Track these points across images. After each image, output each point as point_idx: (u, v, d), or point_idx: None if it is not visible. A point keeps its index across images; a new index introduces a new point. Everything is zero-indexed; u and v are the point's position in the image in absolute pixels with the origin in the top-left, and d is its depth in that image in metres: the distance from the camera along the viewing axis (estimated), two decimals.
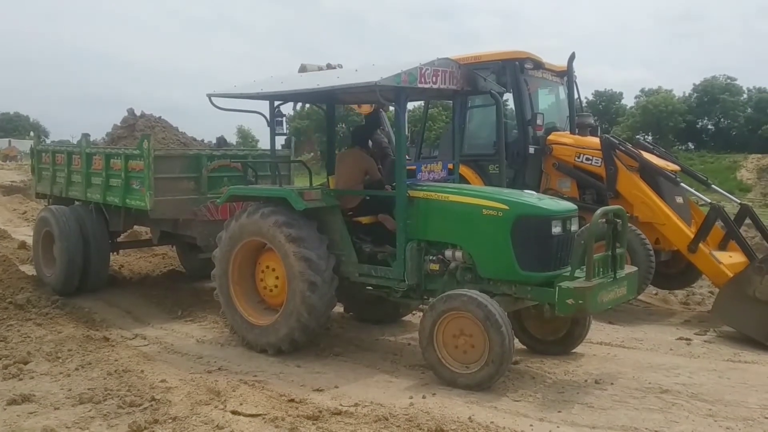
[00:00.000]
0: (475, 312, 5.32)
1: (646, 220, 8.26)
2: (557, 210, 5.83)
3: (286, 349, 6.42)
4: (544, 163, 9.21)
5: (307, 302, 6.19)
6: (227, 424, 4.74)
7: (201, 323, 7.90)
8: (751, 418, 4.81)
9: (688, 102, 55.75)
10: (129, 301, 9.05)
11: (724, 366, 6.16)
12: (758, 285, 6.85)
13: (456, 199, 6.05)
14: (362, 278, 6.54)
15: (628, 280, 5.87)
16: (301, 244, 6.24)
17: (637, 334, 7.37)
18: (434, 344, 5.58)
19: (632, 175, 8.49)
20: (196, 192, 8.63)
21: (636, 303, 8.82)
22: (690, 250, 7.94)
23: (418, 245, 6.17)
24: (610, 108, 60.63)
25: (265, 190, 7.08)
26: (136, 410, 5.04)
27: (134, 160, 8.51)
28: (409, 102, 7.07)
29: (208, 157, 8.86)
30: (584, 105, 10.90)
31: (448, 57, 6.46)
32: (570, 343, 6.44)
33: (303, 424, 4.71)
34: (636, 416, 4.86)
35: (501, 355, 5.25)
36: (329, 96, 7.43)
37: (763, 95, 54.08)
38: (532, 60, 9.41)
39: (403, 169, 6.15)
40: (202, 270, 9.04)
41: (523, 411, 4.98)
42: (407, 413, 4.86)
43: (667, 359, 6.38)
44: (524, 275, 5.69)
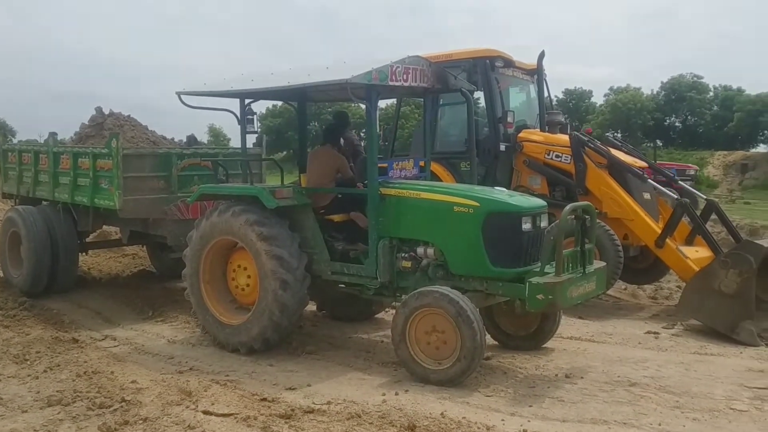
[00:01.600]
0: (447, 308, 5.36)
1: (614, 216, 8.37)
2: (527, 206, 5.89)
3: (258, 348, 6.40)
4: (515, 160, 9.28)
5: (279, 301, 6.17)
6: (199, 425, 4.71)
7: (172, 323, 7.83)
8: (716, 409, 4.91)
9: (656, 100, 56.47)
10: (98, 302, 8.94)
11: (690, 359, 6.27)
12: (723, 279, 6.98)
13: (427, 196, 6.07)
14: (335, 276, 6.54)
15: (597, 275, 5.94)
16: (272, 243, 6.21)
17: (606, 328, 7.47)
18: (407, 341, 5.60)
19: (601, 172, 8.60)
20: (166, 191, 8.56)
21: (605, 298, 8.94)
22: (657, 246, 8.07)
23: (390, 243, 6.19)
24: (580, 106, 61.21)
25: (236, 188, 7.04)
26: (106, 412, 4.99)
27: (102, 159, 8.41)
28: (380, 100, 7.08)
29: (178, 156, 8.78)
30: (554, 103, 11.01)
31: (418, 55, 6.48)
32: (541, 338, 6.51)
33: (275, 423, 4.70)
34: (605, 409, 4.93)
35: (473, 351, 5.29)
36: (300, 94, 7.42)
37: (728, 93, 55.01)
38: (502, 58, 9.48)
39: (375, 167, 6.16)
40: (173, 270, 8.97)
41: (494, 406, 5.03)
42: (380, 410, 4.88)
43: (635, 353, 6.47)
44: (495, 271, 5.74)
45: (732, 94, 53.94)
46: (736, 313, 6.87)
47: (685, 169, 18.97)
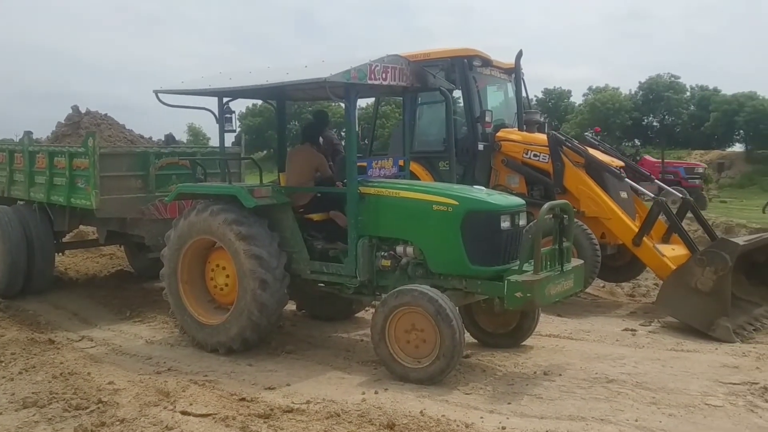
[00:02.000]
0: (426, 307, 5.37)
1: (592, 214, 8.45)
2: (506, 205, 5.92)
3: (237, 348, 6.37)
4: (494, 159, 9.33)
5: (258, 300, 6.14)
6: (177, 425, 4.68)
7: (150, 324, 7.77)
8: (692, 405, 4.97)
9: (634, 99, 56.95)
10: (75, 303, 8.86)
11: (667, 355, 6.34)
12: (699, 276, 7.06)
13: (406, 195, 6.08)
14: (314, 275, 6.52)
15: (575, 273, 5.99)
16: (251, 242, 6.19)
17: (584, 326, 7.53)
18: (386, 340, 5.60)
19: (578, 171, 8.68)
20: (143, 190, 8.50)
21: (584, 296, 9.02)
22: (634, 244, 8.16)
23: (369, 241, 6.19)
24: (559, 105, 61.61)
25: (214, 187, 7.01)
26: (83, 413, 4.94)
27: (79, 158, 8.33)
28: (360, 99, 7.08)
29: (156, 155, 8.72)
30: (533, 103, 11.08)
31: (397, 54, 6.49)
32: (520, 335, 6.54)
33: (254, 423, 4.68)
34: (583, 406, 4.97)
35: (452, 349, 5.31)
36: (279, 92, 7.39)
37: (705, 93, 55.63)
38: (480, 57, 9.52)
39: (354, 166, 6.16)
40: (151, 270, 8.92)
41: (473, 404, 5.05)
42: (359, 409, 4.87)
43: (613, 350, 6.53)
44: (474, 270, 5.76)
45: (708, 94, 54.56)
46: (712, 310, 6.95)
47: (693, 167, 19.16)
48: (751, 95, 49.76)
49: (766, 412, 4.82)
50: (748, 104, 48.00)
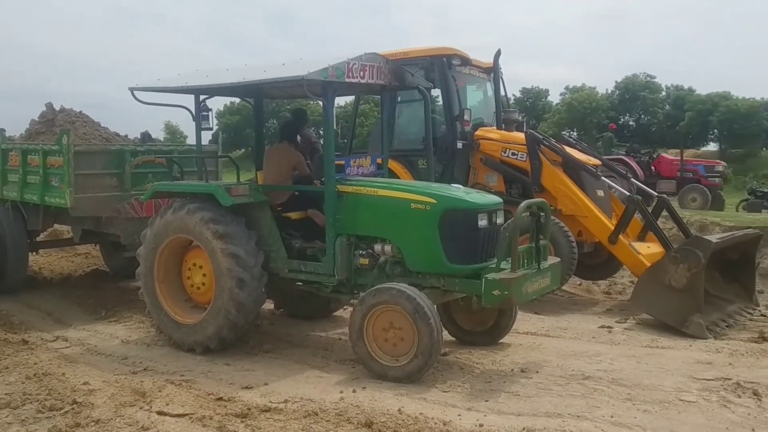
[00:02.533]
0: (404, 305, 5.37)
1: (569, 212, 8.51)
2: (483, 203, 5.94)
3: (214, 347, 6.32)
4: (472, 157, 9.37)
5: (235, 299, 6.11)
6: (153, 425, 4.64)
7: (126, 323, 7.69)
8: (666, 401, 5.02)
9: (610, 99, 57.54)
10: (50, 303, 8.75)
11: (642, 352, 6.41)
12: (673, 274, 7.14)
13: (385, 193, 6.08)
14: (292, 274, 6.50)
15: (552, 270, 6.03)
16: (228, 241, 6.15)
17: (561, 323, 7.59)
18: (364, 338, 5.60)
19: (556, 170, 8.73)
20: (119, 189, 8.42)
21: (561, 293, 9.08)
22: (610, 242, 8.23)
23: (347, 240, 6.18)
24: (537, 105, 62.02)
25: (191, 185, 6.95)
26: (57, 414, 4.88)
27: (53, 156, 8.24)
28: (338, 97, 7.07)
29: (132, 153, 8.65)
30: (512, 102, 11.14)
31: (376, 52, 6.49)
32: (497, 333, 6.57)
33: (231, 423, 4.66)
34: (559, 402, 5.00)
35: (430, 347, 5.32)
36: (256, 90, 7.36)
37: (680, 93, 56.33)
38: (459, 56, 9.54)
39: (332, 164, 6.14)
40: (127, 269, 8.83)
41: (451, 401, 5.06)
42: (337, 408, 4.87)
43: (589, 347, 6.59)
44: (452, 268, 5.77)
45: (683, 94, 55.25)
46: (685, 306, 7.03)
47: (713, 165, 18.97)
48: (725, 95, 50.51)
49: (738, 407, 4.89)
50: (722, 104, 48.71)
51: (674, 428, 4.50)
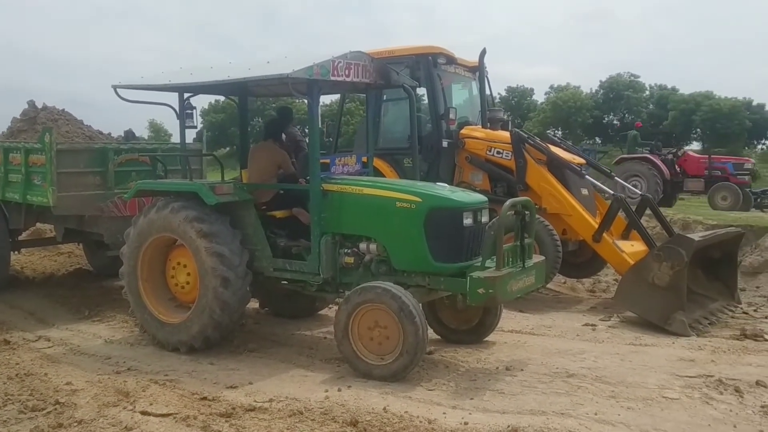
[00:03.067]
0: (390, 304, 5.37)
1: (553, 211, 8.55)
2: (468, 202, 5.95)
3: (198, 346, 6.29)
4: (457, 156, 9.38)
5: (220, 298, 6.08)
6: (136, 425, 4.62)
7: (109, 323, 7.64)
8: (650, 398, 5.06)
9: (594, 98, 57.90)
10: (32, 302, 8.67)
11: (626, 349, 6.45)
12: (656, 272, 7.20)
13: (370, 192, 6.07)
14: (277, 273, 6.48)
15: (537, 269, 6.05)
16: (213, 240, 6.12)
17: (546, 321, 7.62)
18: (349, 337, 5.59)
19: (540, 168, 8.77)
20: (102, 187, 8.35)
21: (545, 291, 9.13)
22: (594, 240, 8.28)
23: (332, 238, 6.17)
24: (522, 104, 62.28)
25: (175, 184, 6.91)
26: (39, 415, 4.84)
27: (35, 155, 8.16)
28: (323, 95, 7.05)
29: (115, 151, 8.58)
30: (497, 100, 11.17)
31: (361, 51, 6.48)
32: (482, 331, 6.59)
33: (216, 422, 4.64)
34: (544, 400, 5.03)
35: (415, 346, 5.32)
36: (241, 88, 7.32)
37: (663, 92, 56.81)
38: (444, 55, 9.55)
39: (317, 163, 6.13)
40: (110, 268, 8.77)
41: (436, 399, 5.07)
42: (322, 407, 4.86)
43: (573, 344, 6.63)
44: (437, 266, 5.78)
45: (667, 93, 55.73)
46: (668, 304, 7.09)
47: (743, 163, 18.46)
48: (708, 95, 51.01)
49: (720, 404, 4.93)
50: (705, 103, 49.20)
51: (657, 425, 4.53)
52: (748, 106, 51.19)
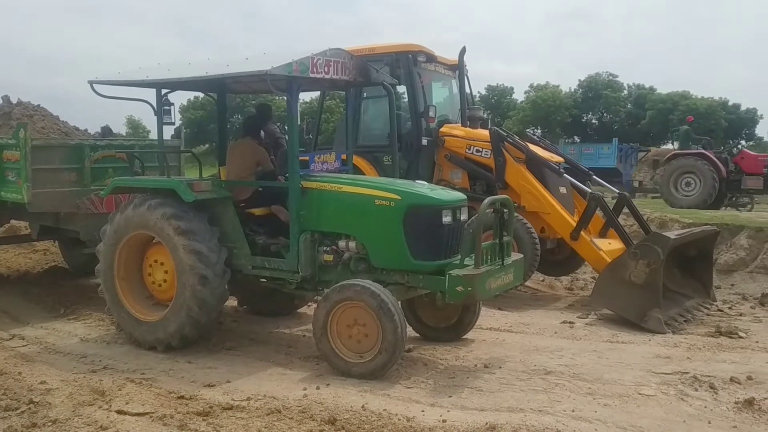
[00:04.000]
0: (369, 301, 5.37)
1: (532, 209, 8.59)
2: (447, 200, 5.96)
3: (176, 345, 6.24)
4: (437, 154, 9.39)
5: (197, 296, 6.04)
6: (112, 425, 4.57)
7: (85, 321, 7.56)
8: (626, 395, 5.11)
9: (573, 97, 58.34)
10: (6, 300, 8.54)
11: (603, 347, 6.51)
12: (633, 269, 7.26)
13: (349, 189, 6.06)
14: (255, 270, 6.45)
15: (515, 267, 6.07)
16: (190, 237, 6.07)
17: (524, 318, 7.66)
18: (328, 335, 5.58)
19: (519, 167, 8.80)
20: (78, 184, 8.25)
21: (524, 289, 9.17)
22: (572, 238, 8.33)
23: (311, 236, 6.15)
24: (502, 102, 62.56)
25: (152, 181, 6.85)
26: (13, 414, 4.78)
27: (9, 150, 8.03)
28: (303, 92, 7.02)
29: (92, 148, 8.47)
30: (477, 99, 11.20)
31: (340, 48, 6.46)
32: (461, 329, 6.61)
33: (193, 421, 4.61)
34: (522, 397, 5.05)
35: (394, 344, 5.32)
36: (219, 85, 7.27)
37: (641, 91, 57.38)
38: (424, 53, 9.55)
39: (296, 160, 6.11)
40: (86, 265, 8.66)
41: (415, 397, 5.07)
42: (300, 405, 4.84)
43: (551, 342, 6.67)
44: (416, 264, 5.78)
45: (645, 93, 56.29)
46: (644, 302, 7.15)
47: None
48: (685, 95, 51.62)
49: (696, 400, 4.99)
50: (682, 103, 49.80)
51: (633, 422, 4.57)
52: (724, 106, 51.90)
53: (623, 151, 24.21)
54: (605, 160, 23.15)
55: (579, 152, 23.92)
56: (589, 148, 25.61)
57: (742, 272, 9.87)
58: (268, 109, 8.20)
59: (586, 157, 22.84)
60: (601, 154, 23.97)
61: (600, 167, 21.96)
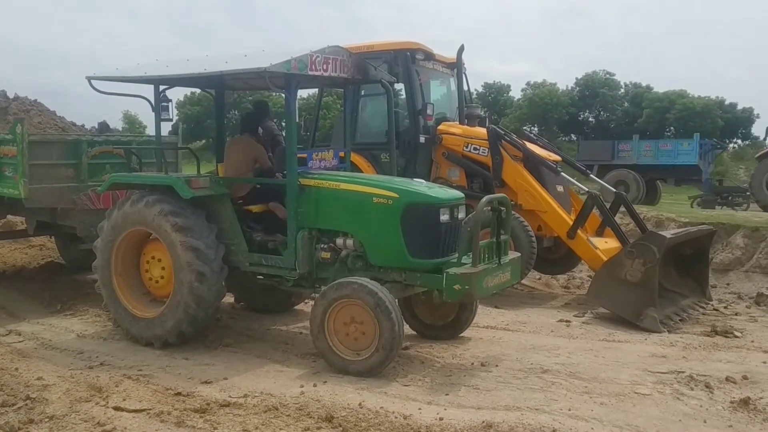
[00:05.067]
0: (366, 299, 5.37)
1: (529, 207, 8.62)
2: (445, 198, 5.97)
3: (173, 341, 6.25)
4: (435, 152, 9.41)
5: (195, 293, 6.04)
6: (109, 421, 4.57)
7: (82, 317, 7.55)
8: (622, 394, 5.13)
9: (570, 95, 58.27)
10: (3, 296, 8.52)
11: (599, 345, 6.53)
12: (629, 268, 7.29)
13: (347, 187, 6.06)
14: (253, 267, 6.45)
15: (512, 265, 6.09)
16: (188, 234, 6.07)
17: (521, 317, 7.68)
18: (325, 332, 5.59)
19: (516, 165, 8.82)
20: (75, 179, 8.23)
21: (520, 287, 9.19)
22: (569, 236, 8.36)
23: (309, 233, 6.15)
24: (499, 100, 62.48)
25: (150, 177, 6.84)
26: (9, 410, 4.77)
27: (6, 146, 8.02)
28: (300, 89, 7.02)
29: (89, 143, 8.46)
30: (474, 96, 11.20)
31: (339, 45, 6.45)
32: (458, 327, 6.63)
33: (190, 418, 4.61)
34: (518, 396, 5.07)
35: (391, 341, 5.33)
36: (218, 81, 7.26)
37: (638, 90, 57.32)
38: (423, 51, 9.56)
39: (294, 157, 6.10)
40: (83, 261, 8.65)
41: (412, 395, 5.08)
42: (297, 402, 4.85)
43: (548, 340, 6.68)
44: (414, 262, 5.79)
45: (641, 91, 56.24)
46: (640, 300, 7.18)
47: None
48: (682, 93, 51.60)
49: (691, 399, 5.01)
50: (679, 102, 49.79)
51: (630, 421, 4.59)
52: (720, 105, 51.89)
53: (704, 147, 22.84)
54: (685, 157, 21.89)
55: (655, 149, 22.81)
56: (666, 144, 24.07)
57: (737, 272, 9.92)
58: (265, 106, 8.20)
59: (663, 154, 22.19)
60: (681, 150, 22.36)
61: (679, 165, 21.63)
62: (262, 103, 8.17)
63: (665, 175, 22.64)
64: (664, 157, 21.80)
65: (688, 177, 22.34)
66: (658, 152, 22.37)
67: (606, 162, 22.46)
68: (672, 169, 22.15)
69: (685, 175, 22.29)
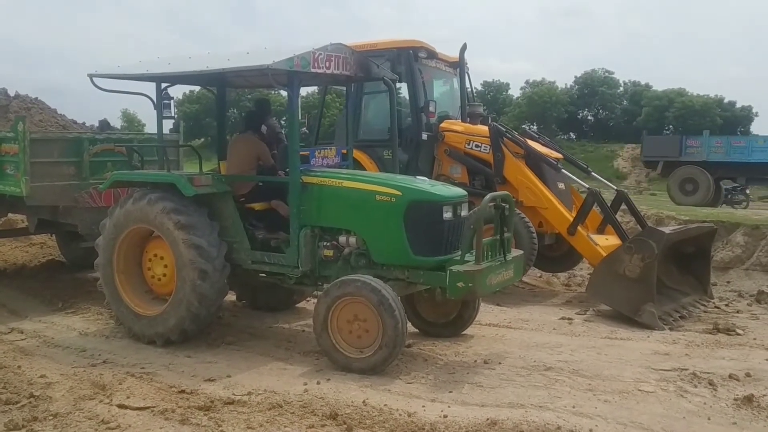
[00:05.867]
0: (369, 297, 5.37)
1: (530, 204, 8.63)
2: (448, 196, 5.96)
3: (175, 339, 6.24)
4: (437, 149, 9.41)
5: (197, 291, 6.03)
6: (113, 419, 4.56)
7: (84, 315, 7.54)
8: (626, 391, 5.13)
9: (569, 94, 58.34)
10: (4, 294, 8.52)
11: (602, 343, 6.53)
12: (628, 263, 7.30)
13: (349, 185, 6.05)
14: (255, 265, 6.44)
15: (515, 263, 6.08)
16: (190, 231, 6.06)
17: (523, 315, 7.68)
18: (328, 330, 5.58)
19: (518, 162, 8.82)
20: (77, 177, 8.23)
21: (522, 285, 9.20)
22: (569, 233, 8.37)
23: (311, 231, 6.14)
24: (498, 98, 62.52)
25: (152, 175, 6.83)
26: (13, 408, 4.77)
27: (8, 144, 8.00)
28: (303, 87, 7.01)
29: (90, 141, 8.45)
30: (474, 95, 11.21)
31: (341, 43, 6.44)
32: (460, 325, 6.62)
33: (194, 415, 4.61)
34: (522, 393, 5.07)
35: (394, 339, 5.33)
36: (220, 79, 7.25)
37: (637, 88, 57.44)
38: (426, 49, 9.56)
39: (296, 155, 6.10)
40: (85, 259, 8.64)
41: (415, 393, 5.08)
42: (301, 400, 4.85)
43: (550, 338, 6.69)
44: (417, 260, 5.79)
45: (640, 90, 56.35)
46: (638, 296, 7.19)
47: None
48: (681, 92, 51.69)
49: (695, 396, 5.01)
50: (678, 100, 49.87)
51: (634, 418, 4.59)
52: (719, 103, 51.99)
53: None
54: (760, 154, 20.45)
55: (727, 145, 21.25)
56: (740, 141, 22.51)
57: (738, 269, 9.94)
58: (267, 104, 8.18)
59: (736, 151, 20.83)
60: (755, 147, 20.86)
61: (753, 162, 20.23)
62: (264, 101, 8.15)
63: (735, 174, 20.84)
64: (737, 154, 20.51)
65: (762, 176, 20.79)
66: (730, 149, 20.96)
67: (673, 158, 21.27)
68: (743, 167, 20.61)
69: (758, 174, 20.67)
